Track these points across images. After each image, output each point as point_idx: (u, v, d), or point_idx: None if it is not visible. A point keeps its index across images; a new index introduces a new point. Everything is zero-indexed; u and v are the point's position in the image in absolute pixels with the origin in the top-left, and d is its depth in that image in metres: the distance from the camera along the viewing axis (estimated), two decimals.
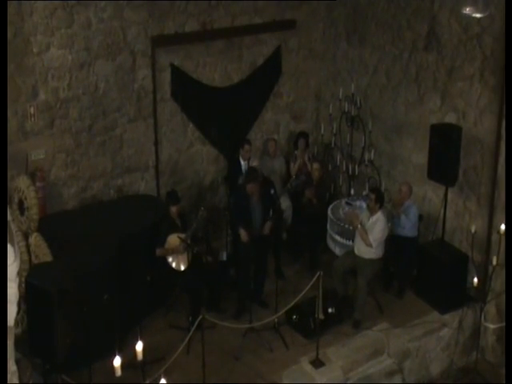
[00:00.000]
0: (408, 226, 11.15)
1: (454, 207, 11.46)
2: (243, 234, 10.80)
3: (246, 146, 12.19)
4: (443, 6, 11.14)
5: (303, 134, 12.99)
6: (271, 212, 10.95)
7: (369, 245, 10.60)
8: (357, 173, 12.68)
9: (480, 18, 9.86)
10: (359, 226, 10.65)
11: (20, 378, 5.71)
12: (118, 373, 8.00)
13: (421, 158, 11.59)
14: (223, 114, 12.61)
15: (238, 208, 11.06)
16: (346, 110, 12.63)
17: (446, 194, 11.01)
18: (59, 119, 10.95)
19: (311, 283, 9.94)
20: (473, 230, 10.65)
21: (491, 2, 9.39)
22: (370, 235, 10.58)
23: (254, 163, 11.76)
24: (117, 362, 7.98)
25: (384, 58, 12.37)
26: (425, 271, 11.26)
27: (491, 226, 10.96)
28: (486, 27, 10.51)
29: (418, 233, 11.46)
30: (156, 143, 12.04)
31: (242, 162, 12.19)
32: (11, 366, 5.60)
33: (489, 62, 10.62)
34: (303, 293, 10.12)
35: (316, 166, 12.23)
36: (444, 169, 10.72)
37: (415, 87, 11.89)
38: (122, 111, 11.57)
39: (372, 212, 10.70)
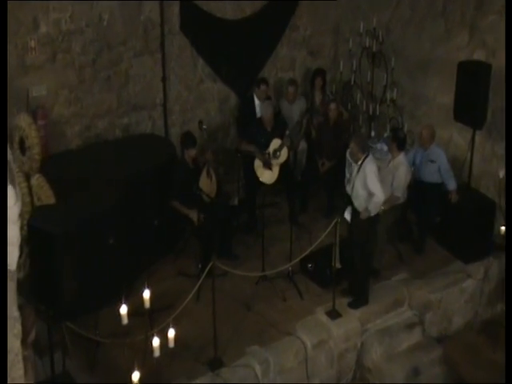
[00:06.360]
0: (436, 176, 11.01)
1: (482, 151, 11.48)
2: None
3: (263, 86, 12.18)
4: None
5: (320, 72, 12.93)
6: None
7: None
8: (378, 113, 12.73)
9: None
10: None
11: (23, 325, 5.81)
12: (125, 321, 8.12)
13: (447, 97, 11.56)
14: (235, 48, 12.58)
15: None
16: (367, 45, 12.56)
17: (473, 137, 11.00)
18: (61, 53, 10.98)
19: (328, 230, 10.03)
20: (501, 176, 10.67)
21: None
22: (393, 181, 10.49)
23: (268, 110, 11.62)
24: (123, 309, 8.09)
25: None
26: (448, 219, 11.25)
27: None
28: None
29: None
30: (164, 79, 12.06)
31: (257, 102, 12.18)
32: (13, 312, 5.70)
33: None
34: (319, 240, 10.21)
35: (332, 106, 12.12)
36: (471, 110, 10.71)
37: (442, 21, 11.86)
38: (128, 45, 11.58)
39: (393, 155, 10.64)
